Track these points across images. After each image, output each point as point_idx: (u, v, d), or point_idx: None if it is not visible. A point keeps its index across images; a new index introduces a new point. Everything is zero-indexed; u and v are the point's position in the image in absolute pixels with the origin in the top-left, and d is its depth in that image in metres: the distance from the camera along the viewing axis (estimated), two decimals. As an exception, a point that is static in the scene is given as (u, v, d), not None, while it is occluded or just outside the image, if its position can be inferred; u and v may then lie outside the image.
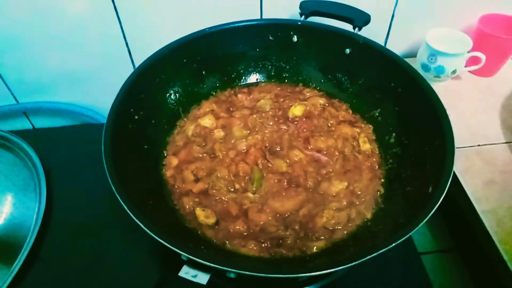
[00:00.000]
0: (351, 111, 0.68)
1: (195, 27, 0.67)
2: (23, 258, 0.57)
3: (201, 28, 0.68)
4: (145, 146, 0.61)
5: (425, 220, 0.43)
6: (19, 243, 0.60)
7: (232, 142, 0.63)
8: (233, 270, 0.41)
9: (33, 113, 0.92)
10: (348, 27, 0.69)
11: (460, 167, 0.66)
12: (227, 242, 0.52)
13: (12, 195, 0.67)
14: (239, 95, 0.71)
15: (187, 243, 0.48)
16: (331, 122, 0.66)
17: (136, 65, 0.83)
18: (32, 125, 0.94)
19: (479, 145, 0.70)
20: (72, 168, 0.73)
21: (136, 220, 0.43)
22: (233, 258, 0.50)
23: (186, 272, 0.42)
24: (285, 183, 0.57)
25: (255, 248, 0.50)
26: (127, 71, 0.83)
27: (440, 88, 0.74)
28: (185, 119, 0.68)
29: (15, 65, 0.80)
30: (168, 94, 0.67)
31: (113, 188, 0.46)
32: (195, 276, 0.41)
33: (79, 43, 0.78)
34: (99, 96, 0.89)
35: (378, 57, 0.65)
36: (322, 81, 0.73)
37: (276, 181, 0.58)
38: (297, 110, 0.66)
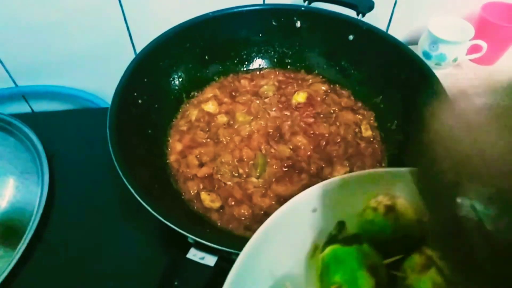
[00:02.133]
0: (353, 98, 0.69)
1: (198, 12, 0.67)
2: (26, 241, 0.58)
3: (204, 12, 0.67)
4: (149, 131, 0.61)
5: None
6: (23, 226, 0.60)
7: (236, 127, 0.63)
8: (238, 252, 0.41)
9: (32, 97, 0.91)
10: (351, 13, 0.69)
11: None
12: (232, 225, 0.52)
13: (14, 179, 0.67)
14: (242, 81, 0.71)
15: (194, 226, 0.48)
16: (334, 108, 0.66)
17: (137, 50, 0.83)
18: (31, 108, 0.93)
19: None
20: (73, 151, 0.73)
21: (144, 203, 0.44)
22: (237, 240, 0.50)
23: (193, 255, 0.42)
24: (289, 168, 0.58)
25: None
26: (128, 55, 0.83)
27: (441, 75, 0.75)
28: (188, 104, 0.68)
29: (14, 48, 0.79)
30: (171, 79, 0.67)
31: (120, 172, 0.47)
32: (202, 258, 0.42)
33: (79, 27, 0.77)
34: (99, 81, 0.88)
35: (381, 44, 0.65)
36: (325, 67, 0.73)
37: (279, 166, 0.58)
38: (300, 97, 0.67)
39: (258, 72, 0.73)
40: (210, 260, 0.42)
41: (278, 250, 0.37)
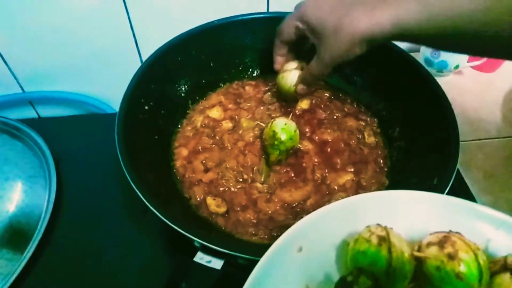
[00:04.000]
0: (356, 104, 0.70)
1: (203, 20, 0.68)
2: (35, 244, 0.59)
3: (209, 20, 0.68)
4: (156, 136, 0.62)
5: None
6: (31, 229, 0.61)
7: (240, 133, 0.64)
8: (244, 255, 0.42)
9: (39, 102, 0.92)
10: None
11: (461, 160, 0.68)
12: (237, 230, 0.53)
13: (22, 183, 0.68)
14: (247, 87, 0.72)
15: (200, 230, 0.49)
16: (337, 115, 0.67)
17: (143, 57, 0.84)
18: (38, 114, 0.94)
19: (480, 139, 0.72)
20: (79, 156, 0.74)
21: (152, 208, 0.45)
22: (243, 244, 0.51)
23: (200, 258, 0.43)
24: (293, 174, 0.59)
25: (265, 236, 0.52)
26: (134, 62, 0.85)
27: (443, 83, 0.76)
28: (193, 110, 0.69)
29: (21, 54, 0.81)
30: (177, 85, 0.68)
31: (128, 176, 0.47)
32: (209, 262, 0.43)
33: (86, 34, 0.79)
34: (105, 87, 0.89)
35: (384, 51, 0.66)
36: (328, 74, 0.73)
37: (284, 171, 0.59)
38: (303, 103, 0.68)
39: (262, 79, 0.74)
40: (216, 263, 0.43)
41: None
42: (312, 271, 0.36)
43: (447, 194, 0.46)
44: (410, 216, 0.38)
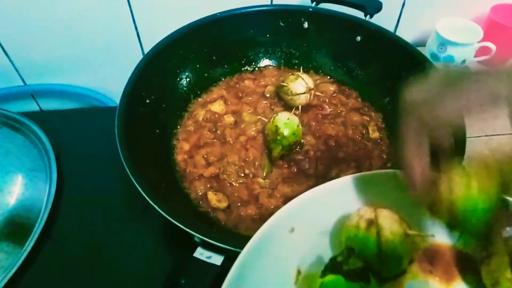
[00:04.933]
0: (361, 99, 0.69)
1: (206, 12, 0.67)
2: (35, 238, 0.58)
3: (212, 13, 0.67)
4: (157, 131, 0.61)
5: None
6: (31, 223, 0.61)
7: (242, 127, 0.63)
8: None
9: (40, 95, 0.92)
10: (359, 14, 0.69)
11: (467, 157, 0.67)
12: (238, 225, 0.52)
13: (23, 176, 0.67)
14: (247, 81, 0.71)
15: (201, 225, 0.49)
16: (341, 109, 0.66)
17: (145, 50, 0.83)
18: (40, 107, 0.94)
19: (486, 136, 0.71)
20: (80, 149, 0.74)
21: (151, 202, 0.44)
22: (244, 240, 0.50)
23: (200, 253, 0.43)
24: (295, 169, 0.58)
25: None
26: (136, 55, 0.84)
27: (449, 77, 0.74)
28: (195, 104, 0.68)
29: (23, 47, 0.80)
30: (179, 79, 0.68)
31: (128, 171, 0.47)
32: (209, 257, 0.42)
33: (88, 26, 0.78)
34: (107, 80, 0.89)
35: (389, 45, 0.65)
36: (332, 68, 0.73)
37: (286, 166, 0.58)
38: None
39: (264, 73, 0.73)
40: (217, 259, 0.42)
41: (260, 280, 0.33)
42: (304, 253, 0.35)
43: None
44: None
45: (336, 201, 0.37)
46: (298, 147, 0.60)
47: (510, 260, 0.31)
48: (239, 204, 0.55)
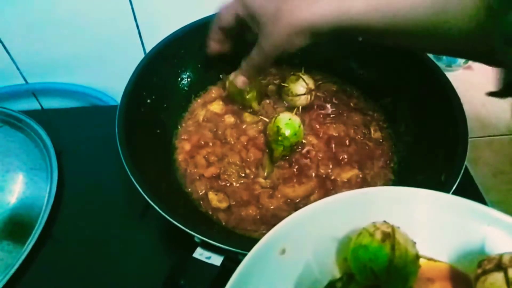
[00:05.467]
0: (362, 99, 0.68)
1: (207, 12, 0.67)
2: (35, 236, 0.58)
3: (214, 12, 0.67)
4: (157, 130, 0.61)
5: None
6: (32, 222, 0.61)
7: (243, 127, 0.63)
8: (245, 252, 0.41)
9: (42, 94, 0.92)
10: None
11: (470, 157, 0.66)
12: (239, 226, 0.52)
13: (23, 175, 0.67)
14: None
15: (201, 225, 0.48)
16: (343, 109, 0.66)
17: (147, 49, 0.83)
18: (41, 105, 0.94)
19: (489, 136, 0.70)
20: (81, 148, 0.74)
21: (151, 202, 0.44)
22: (244, 241, 0.50)
23: (200, 254, 0.42)
24: (297, 169, 0.58)
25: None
26: (138, 54, 0.83)
27: (452, 78, 0.74)
28: (195, 104, 0.68)
29: (24, 45, 0.80)
30: (179, 79, 0.67)
31: (128, 171, 0.47)
32: (209, 258, 0.42)
33: (89, 25, 0.78)
34: (108, 78, 0.89)
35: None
36: (334, 68, 0.72)
37: (287, 167, 0.58)
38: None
39: (267, 72, 0.72)
40: (216, 259, 0.42)
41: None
42: (298, 276, 0.33)
43: (455, 191, 0.45)
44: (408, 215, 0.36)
45: (329, 220, 0.35)
46: (299, 147, 0.60)
47: (505, 277, 0.30)
48: (240, 204, 0.55)
